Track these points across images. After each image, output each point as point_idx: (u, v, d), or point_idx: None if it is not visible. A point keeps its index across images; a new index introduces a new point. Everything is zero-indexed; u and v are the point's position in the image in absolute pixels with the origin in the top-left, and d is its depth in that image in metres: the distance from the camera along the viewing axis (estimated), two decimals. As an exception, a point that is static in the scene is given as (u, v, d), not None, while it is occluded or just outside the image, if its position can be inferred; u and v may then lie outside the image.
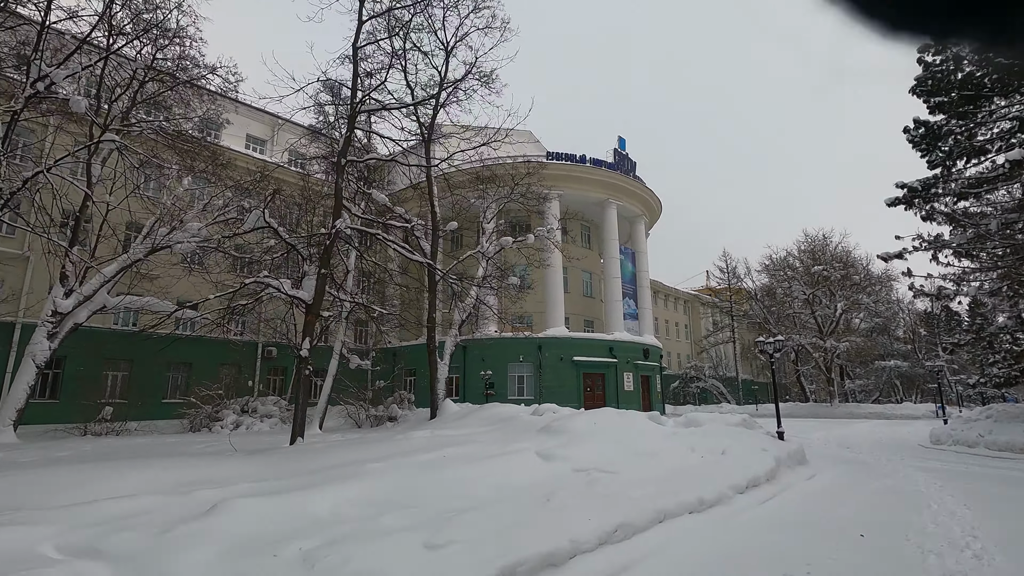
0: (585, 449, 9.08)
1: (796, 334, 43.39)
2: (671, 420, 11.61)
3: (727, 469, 8.39)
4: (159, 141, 20.79)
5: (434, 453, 8.30)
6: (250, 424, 21.13)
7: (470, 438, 11.01)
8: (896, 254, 16.79)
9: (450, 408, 18.25)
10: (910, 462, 12.31)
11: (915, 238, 16.65)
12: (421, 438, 11.32)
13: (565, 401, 32.94)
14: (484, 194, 24.22)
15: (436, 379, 18.59)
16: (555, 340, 33.53)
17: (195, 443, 13.35)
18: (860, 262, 46.62)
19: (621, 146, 39.68)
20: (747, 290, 55.77)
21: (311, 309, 11.50)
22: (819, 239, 45.54)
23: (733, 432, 10.36)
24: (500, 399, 32.50)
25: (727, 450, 9.33)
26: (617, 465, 8.28)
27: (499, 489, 6.38)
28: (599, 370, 34.24)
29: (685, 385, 62.40)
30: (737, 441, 9.93)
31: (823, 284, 42.62)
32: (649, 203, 41.76)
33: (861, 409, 40.74)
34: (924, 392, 55.72)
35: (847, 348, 41.99)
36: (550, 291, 34.99)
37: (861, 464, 11.75)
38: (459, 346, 34.71)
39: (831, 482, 8.95)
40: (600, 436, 9.94)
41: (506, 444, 9.59)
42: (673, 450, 9.56)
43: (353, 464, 7.31)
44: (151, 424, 25.41)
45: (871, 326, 54.30)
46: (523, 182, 24.36)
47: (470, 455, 8.39)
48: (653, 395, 37.98)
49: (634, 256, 40.98)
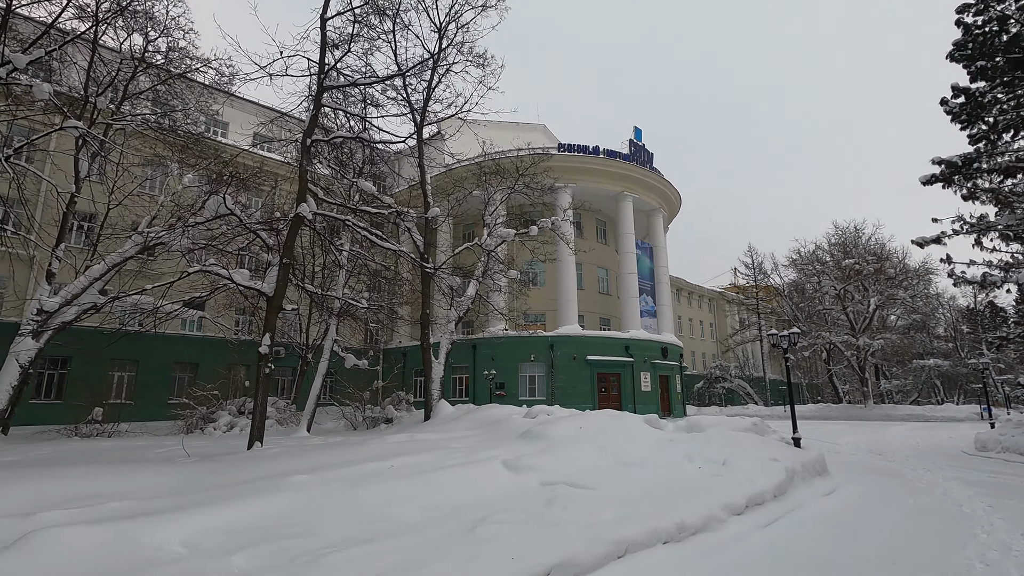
0: (561, 458, 7.89)
1: (826, 331, 41.08)
2: (671, 424, 10.28)
3: (725, 484, 7.07)
4: (152, 136, 20.34)
5: (382, 463, 7.22)
6: (244, 425, 20.40)
7: (443, 444, 9.93)
8: (933, 238, 15.04)
9: (445, 409, 17.20)
10: (951, 473, 10.72)
11: (955, 220, 14.88)
12: (392, 443, 10.27)
13: (578, 402, 31.63)
14: (486, 186, 23.12)
15: (431, 379, 17.57)
16: (567, 339, 32.23)
17: (165, 446, 12.57)
18: (895, 255, 44.00)
19: (637, 137, 38.13)
20: (774, 286, 53.37)
21: (272, 302, 10.56)
22: (850, 231, 43.08)
23: (740, 439, 9.01)
24: (511, 400, 31.38)
25: (729, 460, 7.99)
26: (594, 478, 7.06)
27: (428, 510, 5.24)
28: (614, 370, 32.79)
29: (710, 385, 60.21)
30: (743, 450, 8.58)
31: (855, 278, 40.22)
32: (667, 196, 40.08)
33: (898, 411, 38.25)
34: (967, 393, 52.42)
35: (882, 346, 39.49)
36: (562, 288, 33.71)
37: (893, 475, 10.22)
38: (468, 345, 33.94)
39: (854, 500, 7.54)
40: (584, 443, 8.73)
41: (476, 452, 8.47)
42: (666, 460, 8.28)
43: (278, 476, 6.26)
44: (154, 425, 24.91)
45: (908, 323, 51.37)
46: (528, 172, 23.20)
47: (424, 465, 7.28)
48: (673, 396, 36.34)
49: (652, 251, 39.37)
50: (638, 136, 38.18)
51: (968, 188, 14.29)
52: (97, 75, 18.76)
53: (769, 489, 7.07)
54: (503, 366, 32.37)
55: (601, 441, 8.84)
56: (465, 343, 33.83)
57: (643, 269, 38.41)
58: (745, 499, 6.56)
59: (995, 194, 14.13)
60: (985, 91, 14.34)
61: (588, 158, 35.22)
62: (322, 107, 11.40)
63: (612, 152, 35.93)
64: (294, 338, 28.30)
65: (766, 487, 7.08)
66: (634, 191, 36.70)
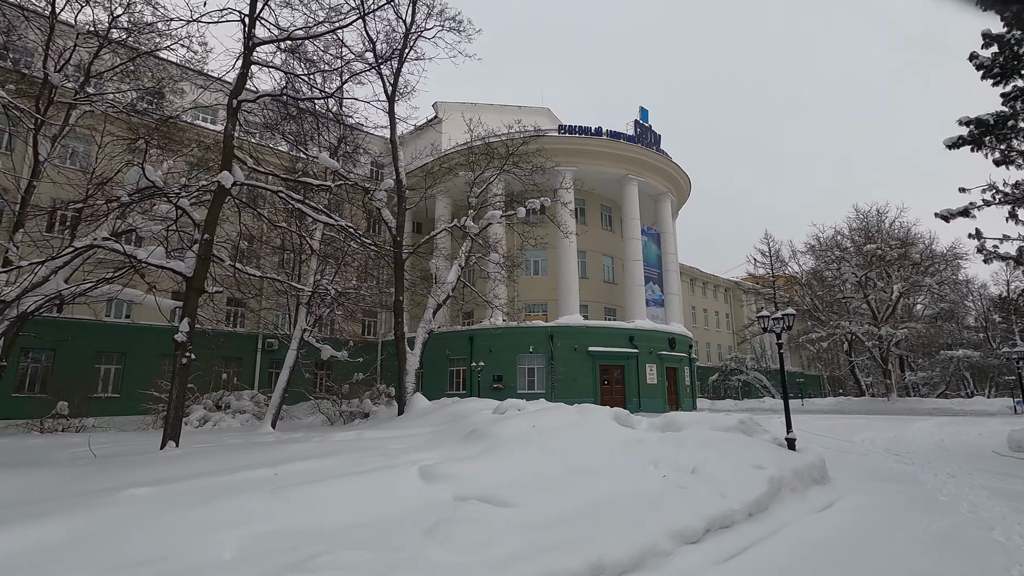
0: (495, 464, 6.55)
1: (847, 321, 38.89)
2: (646, 421, 8.83)
3: (687, 499, 5.64)
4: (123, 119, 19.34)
5: (268, 470, 5.94)
6: (219, 420, 19.47)
7: (377, 445, 8.66)
8: (961, 211, 13.22)
9: (419, 404, 15.96)
10: (980, 479, 9.08)
11: (986, 188, 13.04)
12: (322, 444, 9.05)
13: (579, 395, 30.15)
14: (474, 165, 21.75)
15: (404, 371, 16.33)
16: (568, 329, 30.73)
17: (98, 444, 11.49)
18: (921, 240, 41.48)
19: (643, 118, 36.28)
20: (792, 275, 51.03)
21: (192, 283, 9.35)
22: (872, 215, 40.67)
23: (721, 440, 7.54)
24: (508, 393, 30.01)
25: (701, 467, 6.54)
26: (522, 491, 5.70)
27: (255, 541, 3.95)
28: (617, 362, 31.21)
29: (725, 378, 58.16)
30: (721, 454, 7.11)
31: (877, 264, 37.92)
32: (676, 180, 38.17)
33: (923, 404, 36.00)
34: (999, 385, 49.62)
35: (906, 336, 37.21)
36: (563, 276, 32.18)
37: (909, 482, 8.63)
38: (465, 336, 32.69)
39: (853, 520, 6.03)
40: (533, 444, 7.35)
41: (399, 456, 7.21)
42: (625, 466, 6.87)
43: (115, 489, 5.01)
44: (135, 420, 23.96)
45: (935, 312, 48.70)
46: (518, 151, 21.76)
47: (318, 473, 6.00)
48: (681, 388, 34.64)
49: (659, 237, 37.54)
50: (644, 117, 36.32)
51: (1001, 151, 12.45)
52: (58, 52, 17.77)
53: (743, 506, 5.61)
54: (501, 358, 31.05)
55: (553, 442, 7.45)
56: (462, 334, 32.60)
57: (650, 256, 36.63)
58: (706, 521, 5.11)
59: (1034, 157, 12.29)
60: (1022, 39, 12.45)
61: (590, 140, 33.52)
62: (253, 64, 10.10)
63: (616, 133, 34.17)
64: (281, 328, 27.43)
65: (739, 503, 5.62)
66: (640, 174, 34.91)
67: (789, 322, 8.71)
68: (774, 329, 9.03)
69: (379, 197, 15.55)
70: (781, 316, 8.81)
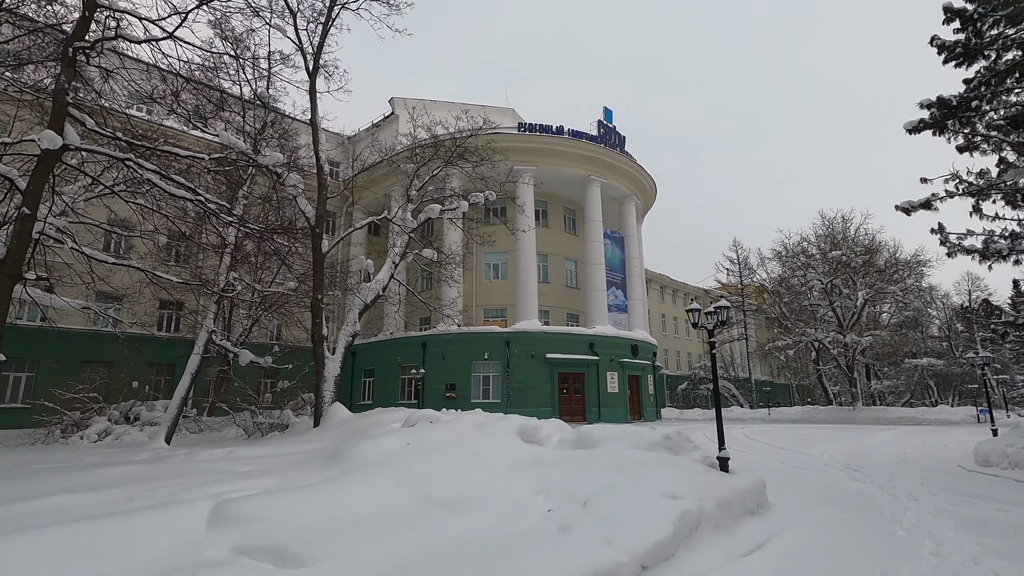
0: (327, 498, 4.97)
1: (812, 328, 38.26)
2: (557, 436, 7.32)
3: (560, 548, 4.13)
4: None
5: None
6: (122, 433, 17.37)
7: (225, 467, 7.02)
8: (922, 203, 12.11)
9: (337, 415, 14.21)
10: (946, 501, 7.79)
11: (949, 178, 11.98)
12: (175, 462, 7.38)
13: (536, 405, 28.62)
14: (418, 157, 20.21)
15: (322, 377, 14.58)
16: (525, 335, 29.25)
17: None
18: (886, 247, 41.28)
19: (607, 118, 35.29)
20: (761, 283, 50.49)
21: (2, 268, 7.56)
22: (837, 221, 40.29)
23: (636, 462, 6.07)
24: (462, 403, 28.33)
25: (596, 498, 5.04)
26: (339, 538, 4.15)
27: None
28: (577, 369, 29.81)
29: (694, 387, 57.28)
30: (632, 479, 5.64)
31: (843, 271, 37.41)
32: (640, 182, 37.20)
33: (888, 413, 35.42)
34: (962, 394, 49.71)
35: (871, 343, 36.68)
36: (521, 279, 30.75)
37: (865, 509, 7.29)
38: (418, 343, 30.93)
39: (785, 570, 4.61)
40: (395, 469, 5.78)
41: (205, 487, 5.52)
42: (507, 496, 5.34)
43: None
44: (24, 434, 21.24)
45: (900, 320, 48.66)
46: (467, 143, 20.29)
47: (71, 511, 4.31)
48: (644, 397, 33.38)
49: (623, 241, 36.46)
50: (608, 117, 35.33)
51: (965, 135, 11.41)
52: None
53: (634, 557, 4.11)
54: (455, 365, 29.40)
55: (425, 466, 5.87)
56: (414, 340, 30.86)
57: (613, 260, 35.49)
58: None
59: (1000, 143, 11.27)
60: (986, 13, 11.47)
61: (550, 138, 32.31)
62: (101, 7, 8.39)
63: (578, 132, 33.03)
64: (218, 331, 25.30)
65: (630, 553, 4.13)
66: (602, 175, 33.80)
67: (723, 316, 7.36)
68: (705, 325, 7.64)
69: (291, 183, 13.88)
70: (714, 310, 7.44)
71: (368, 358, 33.30)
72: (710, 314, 7.51)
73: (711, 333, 7.61)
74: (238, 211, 16.52)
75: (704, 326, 7.67)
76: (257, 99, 16.95)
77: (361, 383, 33.84)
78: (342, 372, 15.24)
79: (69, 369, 26.57)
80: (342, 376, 15.39)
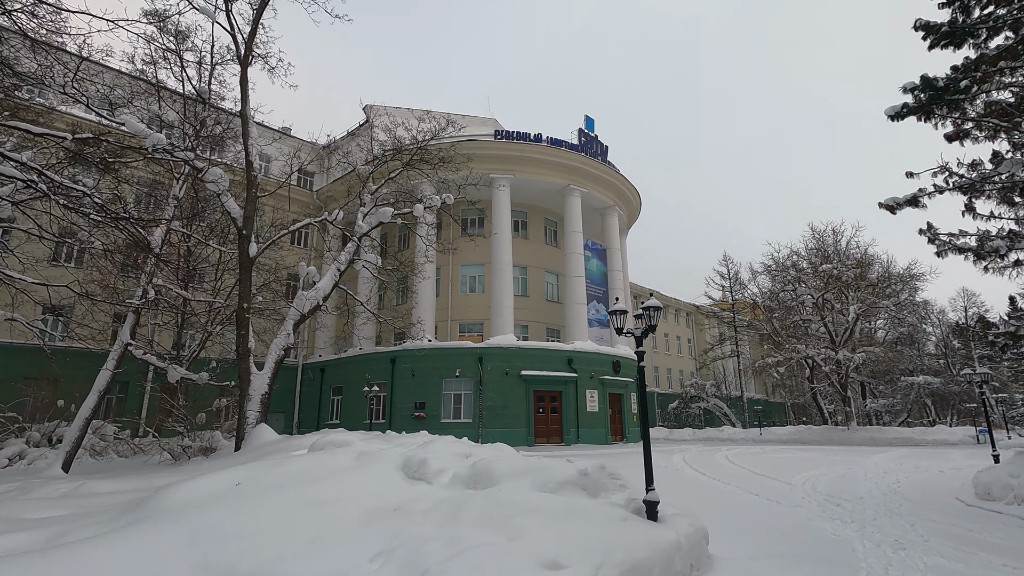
0: (55, 566, 3.39)
1: (803, 344, 36.79)
2: (450, 473, 5.78)
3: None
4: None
5: None
6: (37, 458, 15.71)
7: (12, 515, 5.42)
8: (908, 199, 10.76)
9: (261, 438, 12.68)
10: (939, 552, 6.29)
11: (938, 171, 10.66)
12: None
13: (511, 425, 27.00)
14: (374, 156, 18.98)
15: (247, 395, 13.06)
16: (499, 351, 27.70)
17: None
18: (879, 261, 40.07)
19: (589, 127, 34.25)
20: (752, 298, 49.03)
21: None
22: (828, 234, 39.11)
23: (524, 510, 4.55)
24: (431, 423, 26.66)
25: (436, 573, 3.57)
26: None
27: None
28: (554, 387, 28.22)
29: (686, 405, 55.47)
30: (508, 536, 4.16)
31: (834, 285, 36.09)
32: (623, 193, 36.02)
33: (884, 434, 33.81)
34: (960, 413, 48.13)
35: (864, 360, 35.20)
36: (496, 292, 29.32)
37: (836, 562, 5.76)
38: (387, 358, 29.34)
39: None
40: (191, 519, 4.29)
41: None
42: (319, 565, 3.82)
43: None
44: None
45: (896, 336, 47.22)
46: (426, 145, 19.06)
47: None
48: (627, 417, 31.72)
49: (605, 253, 35.14)
50: (590, 126, 34.29)
51: (954, 121, 10.12)
52: None
53: None
54: (425, 382, 27.80)
55: (234, 518, 4.39)
56: (382, 356, 29.29)
57: (594, 273, 34.16)
58: None
59: (994, 128, 9.98)
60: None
61: (528, 146, 31.18)
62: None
63: (557, 141, 31.91)
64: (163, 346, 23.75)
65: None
66: (582, 185, 32.61)
67: (653, 319, 5.93)
68: (632, 331, 6.19)
69: (213, 178, 12.54)
70: (643, 311, 6.01)
71: (336, 375, 31.69)
72: (639, 317, 6.09)
73: (639, 341, 6.16)
74: (169, 213, 15.18)
75: (630, 332, 6.23)
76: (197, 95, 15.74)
77: (330, 401, 32.15)
78: (271, 390, 13.70)
79: (9, 386, 24.92)
80: (271, 395, 13.84)
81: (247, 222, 13.48)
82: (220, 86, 18.22)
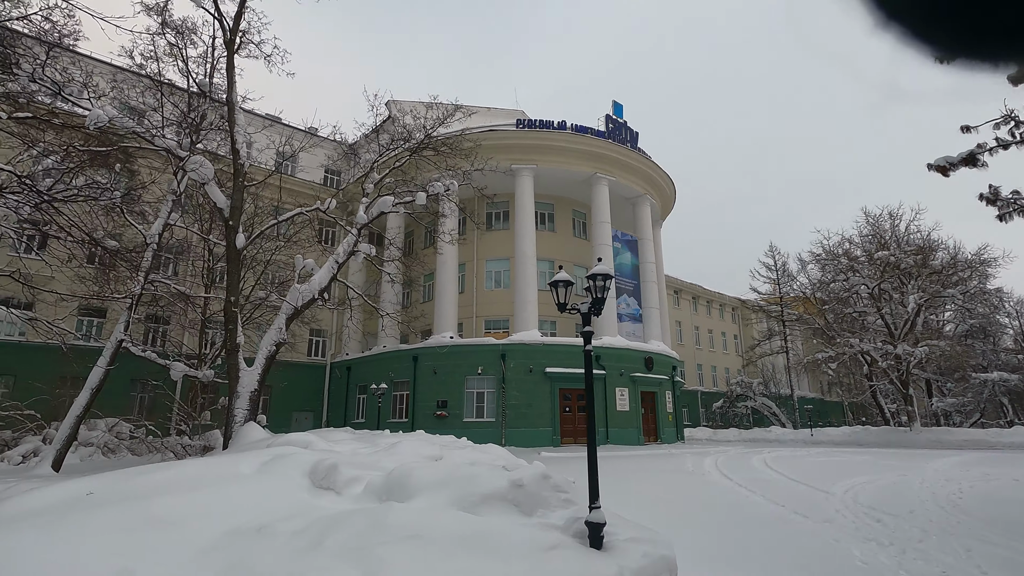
0: None
1: (857, 338, 33.92)
2: (365, 482, 4.66)
3: None
4: None
5: None
6: (47, 455, 15.80)
7: None
8: (963, 158, 9.04)
9: (249, 436, 12.07)
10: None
11: (1001, 121, 8.87)
12: None
13: (536, 424, 25.87)
14: (378, 144, 18.36)
15: (236, 392, 12.54)
16: (523, 347, 26.61)
17: None
18: (943, 247, 36.50)
19: (617, 112, 32.66)
20: (800, 290, 45.86)
21: None
22: (884, 219, 35.95)
23: (407, 535, 3.34)
24: (453, 422, 25.90)
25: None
26: None
27: None
28: (581, 384, 26.80)
29: (732, 404, 52.70)
30: (400, 570, 3.13)
31: (891, 274, 33.09)
32: (656, 182, 34.20)
33: (952, 436, 30.66)
34: (1044, 413, 43.49)
35: (927, 355, 32.05)
36: (519, 287, 28.26)
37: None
38: (409, 356, 28.72)
39: None
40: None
41: None
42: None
43: None
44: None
45: (966, 328, 43.14)
46: (434, 130, 18.31)
47: None
48: (661, 416, 29.96)
49: (636, 244, 33.42)
50: (618, 112, 32.69)
51: (1019, 58, 8.38)
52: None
53: None
54: (447, 380, 27.03)
55: (38, 541, 3.51)
56: (405, 354, 28.70)
57: (625, 266, 32.56)
58: None
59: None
60: None
61: (552, 134, 29.95)
62: None
63: (582, 128, 30.54)
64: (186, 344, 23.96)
65: None
66: (611, 173, 31.08)
67: (606, 287, 4.70)
68: (576, 307, 4.97)
69: (193, 166, 12.07)
70: (589, 280, 4.78)
71: (362, 374, 31.37)
72: (588, 290, 4.90)
73: (586, 319, 4.97)
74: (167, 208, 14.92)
75: (575, 308, 5.04)
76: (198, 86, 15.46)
77: (356, 400, 31.92)
78: (262, 387, 13.14)
79: (40, 386, 25.72)
80: (261, 391, 13.28)
81: (234, 212, 12.98)
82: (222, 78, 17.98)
